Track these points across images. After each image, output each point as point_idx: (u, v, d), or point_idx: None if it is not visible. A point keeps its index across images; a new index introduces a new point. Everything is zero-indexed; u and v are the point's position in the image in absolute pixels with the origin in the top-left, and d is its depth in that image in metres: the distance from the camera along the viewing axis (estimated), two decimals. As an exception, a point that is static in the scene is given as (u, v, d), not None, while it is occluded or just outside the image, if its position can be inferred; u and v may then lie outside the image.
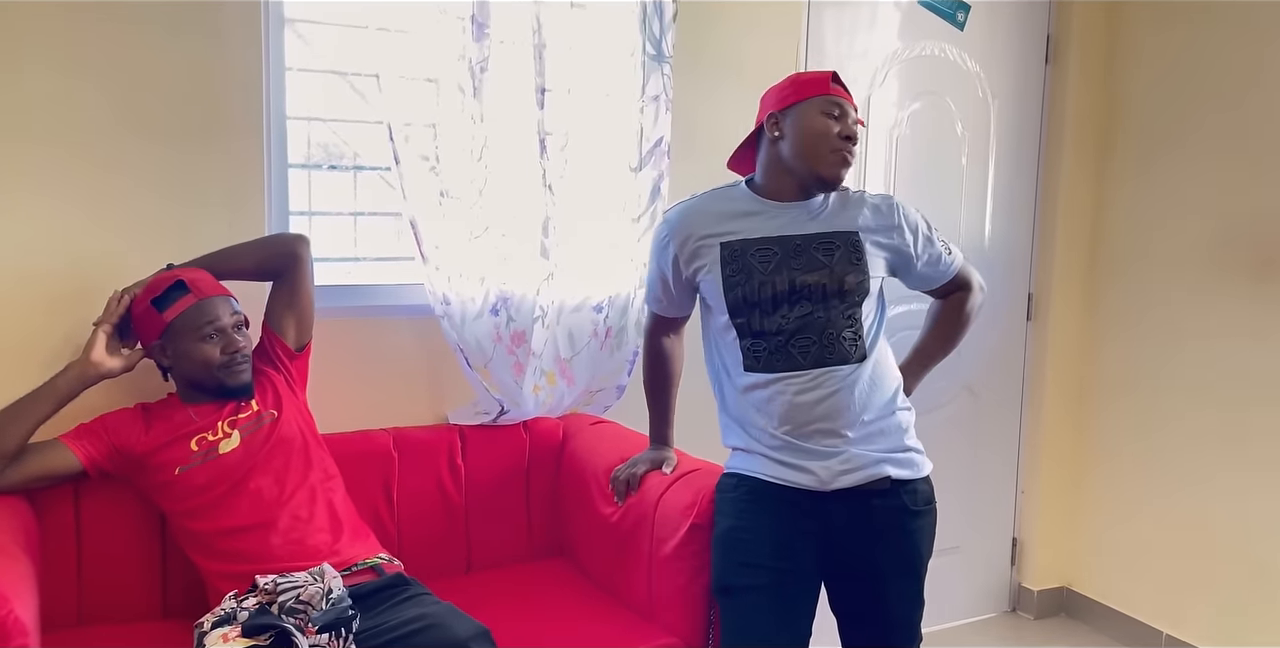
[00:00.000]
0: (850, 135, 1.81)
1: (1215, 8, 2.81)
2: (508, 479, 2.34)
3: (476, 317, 2.32)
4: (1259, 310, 2.72)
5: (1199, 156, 2.87)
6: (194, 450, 1.92)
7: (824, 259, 1.81)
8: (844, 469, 1.78)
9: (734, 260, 1.83)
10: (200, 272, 2.00)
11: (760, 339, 1.82)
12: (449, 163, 2.28)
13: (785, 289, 1.80)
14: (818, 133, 1.80)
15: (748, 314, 1.82)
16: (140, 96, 2.09)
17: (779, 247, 1.82)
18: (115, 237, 2.10)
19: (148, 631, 1.93)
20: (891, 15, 2.92)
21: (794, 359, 1.80)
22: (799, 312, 1.80)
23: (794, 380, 1.79)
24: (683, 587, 1.96)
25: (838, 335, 1.80)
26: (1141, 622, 3.06)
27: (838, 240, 1.83)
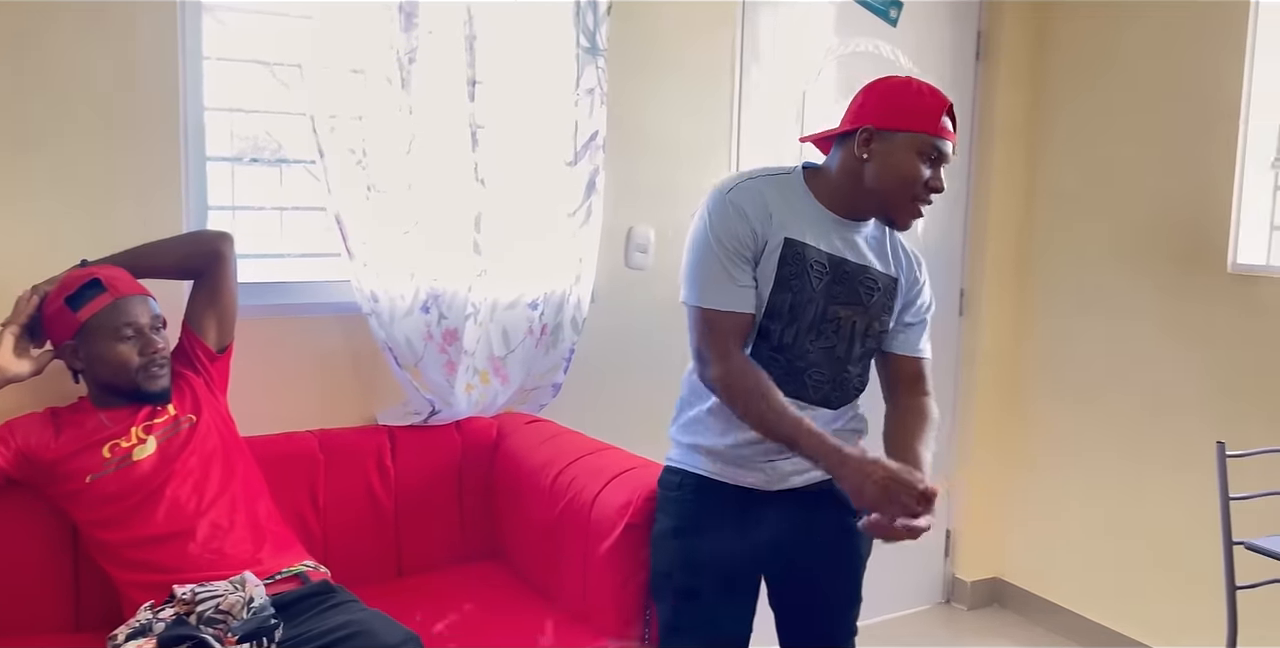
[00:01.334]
0: (938, 188, 1.66)
1: (1138, 9, 2.86)
2: (439, 481, 2.29)
3: (406, 314, 2.27)
4: (1181, 303, 2.79)
5: (1123, 152, 2.93)
6: (106, 458, 1.84)
7: (864, 296, 1.71)
8: (792, 471, 1.75)
9: (794, 262, 1.66)
10: (117, 269, 1.92)
11: (780, 354, 1.69)
12: (377, 156, 2.23)
13: (819, 315, 1.69)
14: (907, 176, 1.63)
15: (782, 324, 1.68)
16: (48, 86, 2.00)
17: (831, 267, 1.68)
18: (24, 234, 2.00)
19: (59, 644, 1.85)
20: (827, 10, 2.92)
21: (805, 391, 1.70)
22: (823, 343, 1.70)
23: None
24: (618, 587, 1.93)
25: (849, 378, 1.75)
26: (1070, 610, 3.12)
27: (881, 281, 1.73)
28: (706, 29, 2.71)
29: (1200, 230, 2.73)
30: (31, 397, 1.93)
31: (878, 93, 1.71)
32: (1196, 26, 2.72)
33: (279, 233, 2.43)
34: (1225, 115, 2.65)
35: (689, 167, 2.73)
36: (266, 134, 2.42)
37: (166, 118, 2.11)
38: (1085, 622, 3.06)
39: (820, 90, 2.94)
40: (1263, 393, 2.58)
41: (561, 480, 2.11)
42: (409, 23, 2.24)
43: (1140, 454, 2.90)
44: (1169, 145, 2.80)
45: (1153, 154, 2.85)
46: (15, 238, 2.00)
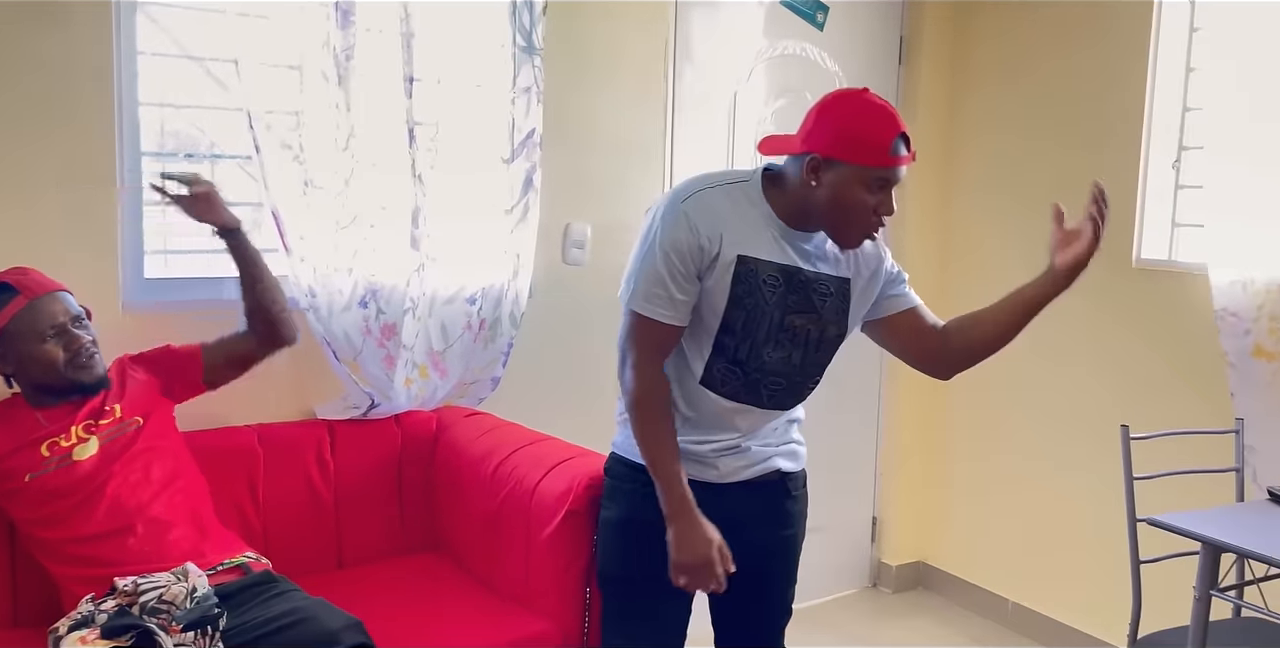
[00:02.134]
0: (887, 213, 1.65)
1: (1050, 14, 3.00)
2: (379, 473, 2.32)
3: (345, 309, 2.29)
4: (1089, 296, 2.92)
5: (1036, 151, 3.07)
6: (45, 456, 1.83)
7: (818, 303, 1.72)
8: (743, 464, 1.80)
9: (747, 279, 1.66)
10: (27, 269, 1.89)
11: (737, 367, 1.71)
12: (314, 152, 2.24)
13: (775, 326, 1.70)
14: (853, 207, 1.62)
15: (738, 339, 1.70)
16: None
17: (784, 279, 1.68)
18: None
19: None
20: (755, 14, 3.01)
21: (759, 397, 1.74)
22: (780, 353, 1.72)
23: (743, 410, 1.75)
24: (559, 573, 1.98)
25: (804, 384, 1.78)
26: (990, 592, 3.26)
27: (833, 286, 1.73)
28: (641, 30, 2.77)
29: (1107, 227, 2.88)
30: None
31: (829, 117, 1.65)
32: (1103, 33, 2.86)
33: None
34: (1130, 117, 2.80)
35: (625, 164, 2.80)
36: (198, 130, 2.42)
37: (102, 113, 2.10)
38: (1004, 602, 3.21)
39: (751, 91, 3.02)
40: (1164, 379, 2.73)
41: (502, 471, 2.15)
42: (346, 20, 2.26)
43: (1053, 440, 3.04)
44: (1078, 145, 2.95)
45: (1062, 154, 2.99)
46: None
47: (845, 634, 3.16)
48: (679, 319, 1.67)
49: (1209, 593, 2.01)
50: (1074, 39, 2.95)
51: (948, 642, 3.12)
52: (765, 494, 1.84)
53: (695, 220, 1.64)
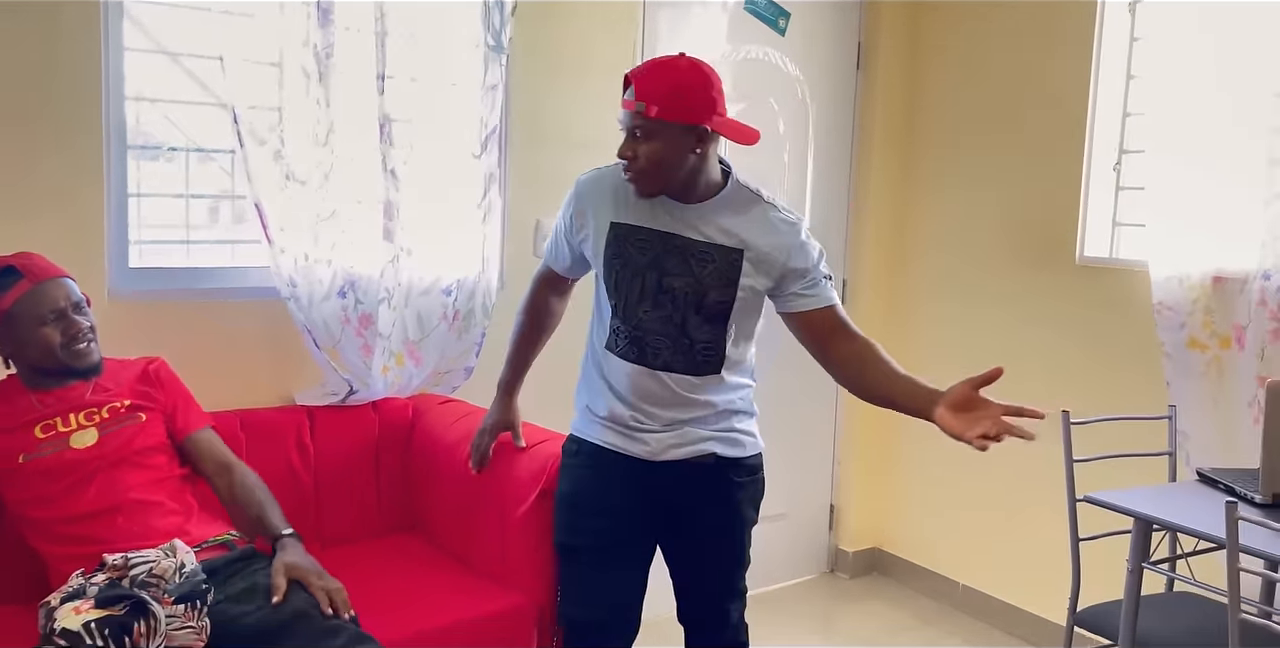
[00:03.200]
0: (622, 155, 1.77)
1: (1001, 22, 3.15)
2: (357, 458, 2.39)
3: (324, 298, 2.36)
4: (1035, 291, 3.08)
5: (986, 154, 3.22)
6: (40, 439, 1.89)
7: (696, 269, 1.81)
8: (674, 443, 1.90)
9: (616, 243, 1.84)
10: (32, 255, 1.95)
11: (624, 324, 1.86)
12: (294, 147, 2.32)
13: (653, 287, 1.82)
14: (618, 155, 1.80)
15: (618, 298, 1.86)
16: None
17: (659, 242, 1.82)
18: None
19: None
20: (720, 18, 3.11)
21: (646, 357, 1.85)
22: (659, 312, 1.83)
23: (642, 373, 1.87)
24: (533, 549, 2.08)
25: (692, 346, 1.85)
26: (942, 575, 3.40)
27: (717, 254, 1.81)
28: (609, 32, 2.87)
29: (1052, 226, 3.03)
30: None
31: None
32: (1049, 41, 3.01)
33: (195, 220, 2.50)
34: (1074, 122, 2.95)
35: (594, 161, 2.82)
36: (174, 125, 2.48)
37: (89, 108, 2.16)
38: (954, 584, 3.35)
39: (714, 93, 3.13)
40: (1104, 368, 2.88)
41: (476, 454, 2.23)
42: (325, 19, 2.34)
43: (1002, 429, 3.18)
44: (1025, 149, 3.09)
45: (1011, 156, 3.14)
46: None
47: (804, 618, 3.28)
48: (557, 267, 2.03)
49: (1141, 566, 2.15)
50: (1022, 47, 3.09)
51: (901, 624, 3.25)
52: (702, 477, 1.92)
53: (582, 193, 1.93)
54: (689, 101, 1.74)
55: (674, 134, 1.75)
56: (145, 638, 1.60)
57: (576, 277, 2.05)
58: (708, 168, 1.82)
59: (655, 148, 1.75)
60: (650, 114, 1.72)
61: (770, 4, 3.19)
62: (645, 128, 1.74)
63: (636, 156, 1.77)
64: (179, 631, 1.65)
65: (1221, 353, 2.48)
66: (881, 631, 3.19)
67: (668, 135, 1.74)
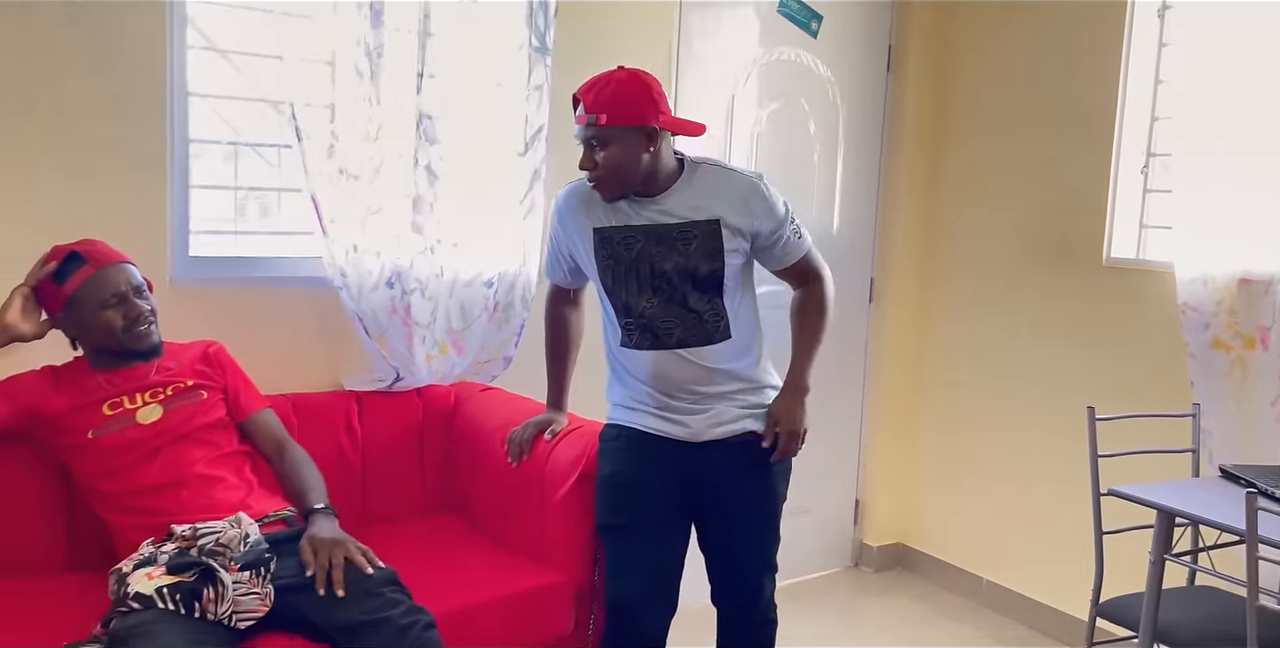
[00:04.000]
0: (582, 166, 1.96)
1: (1030, 26, 3.21)
2: (403, 441, 2.49)
3: (373, 289, 2.46)
4: (1062, 291, 3.14)
5: (1015, 156, 3.27)
6: (107, 416, 1.99)
7: (682, 248, 1.96)
8: (713, 423, 2.02)
9: (605, 246, 2.00)
10: (95, 242, 2.05)
11: (631, 318, 2.01)
12: (346, 142, 2.41)
13: (647, 275, 1.97)
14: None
15: (617, 295, 2.00)
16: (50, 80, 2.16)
17: (643, 235, 1.97)
18: (22, 209, 2.18)
19: (56, 584, 1.99)
20: (753, 21, 3.19)
21: (659, 339, 1.99)
22: (661, 297, 1.98)
23: (662, 356, 2.00)
24: (571, 530, 2.17)
25: (700, 318, 1.99)
26: (966, 571, 3.45)
27: (697, 230, 1.96)
28: (645, 34, 2.94)
29: (1080, 227, 3.09)
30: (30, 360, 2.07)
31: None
32: (1079, 45, 3.07)
33: (248, 212, 2.60)
34: (1103, 125, 3.00)
35: None
36: (222, 120, 2.58)
37: (155, 103, 2.27)
38: (978, 580, 3.40)
39: (747, 95, 3.21)
40: (1129, 367, 2.93)
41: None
42: (377, 20, 2.43)
43: (1027, 426, 3.24)
44: (1054, 151, 3.15)
45: (1040, 158, 3.19)
46: (17, 212, 2.15)
47: (828, 611, 3.35)
48: (559, 281, 2.21)
49: (1163, 557, 2.21)
50: (1051, 51, 3.15)
51: (923, 618, 3.30)
52: (740, 454, 2.05)
53: (559, 211, 2.09)
54: (633, 106, 1.92)
55: (626, 137, 1.91)
56: (214, 603, 1.70)
57: (579, 286, 2.22)
58: (663, 162, 1.98)
59: (613, 153, 1.92)
60: (601, 123, 1.90)
61: (803, 7, 3.26)
62: (600, 137, 1.92)
63: (597, 165, 1.94)
64: (244, 596, 1.75)
65: (1246, 354, 2.53)
66: (904, 624, 3.25)
67: (621, 140, 1.91)
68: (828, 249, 3.38)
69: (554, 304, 2.26)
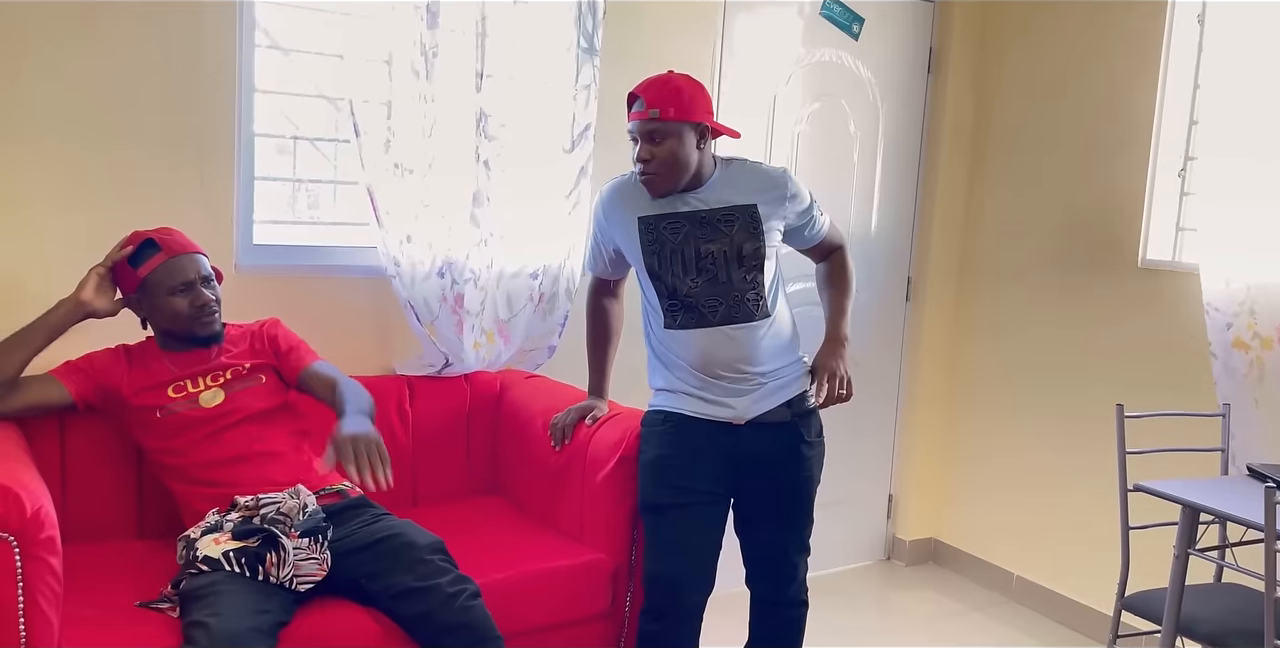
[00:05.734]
0: (639, 160, 2.05)
1: (1069, 29, 3.25)
2: (451, 424, 2.60)
3: (425, 278, 2.57)
4: (1098, 291, 3.17)
5: (1053, 158, 3.31)
6: (173, 397, 2.12)
7: (725, 229, 2.08)
8: (754, 401, 2.12)
9: (649, 232, 2.12)
10: (172, 230, 2.18)
11: (675, 300, 2.11)
12: (402, 138, 2.52)
13: (692, 256, 2.08)
14: (636, 157, 2.08)
15: (663, 277, 2.11)
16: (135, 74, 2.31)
17: (687, 220, 2.10)
18: (109, 194, 2.32)
19: (130, 548, 2.14)
20: (796, 23, 3.26)
21: (704, 317, 2.10)
22: (705, 276, 2.08)
23: (707, 334, 2.10)
24: (610, 511, 2.26)
25: (742, 297, 2.10)
26: (997, 566, 3.50)
27: (737, 213, 2.09)
28: (690, 35, 3.03)
29: (1116, 229, 3.12)
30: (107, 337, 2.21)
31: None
32: (1118, 49, 3.10)
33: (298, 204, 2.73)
34: (1140, 128, 3.04)
35: None
36: (283, 116, 2.71)
37: (225, 98, 2.41)
38: (1009, 575, 3.45)
39: (789, 95, 3.28)
40: (1164, 367, 2.96)
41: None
42: (433, 21, 2.54)
43: (1058, 424, 3.28)
44: (1091, 153, 3.19)
45: (1077, 161, 3.23)
46: (101, 197, 2.31)
47: (859, 602, 3.41)
48: (601, 273, 2.33)
49: (1187, 552, 2.25)
50: (1091, 55, 3.19)
51: (954, 612, 3.35)
52: (779, 436, 2.15)
53: (604, 207, 2.21)
54: (693, 104, 2.05)
55: (684, 132, 2.04)
56: (275, 567, 1.82)
57: (620, 277, 2.34)
58: (705, 161, 2.11)
59: (671, 147, 2.04)
60: (665, 117, 2.02)
61: (845, 9, 3.33)
62: (661, 130, 2.03)
63: (654, 157, 2.04)
64: (304, 562, 1.86)
65: (1264, 354, 2.55)
66: (934, 618, 3.30)
67: (680, 134, 2.04)
68: (867, 248, 3.49)
69: (595, 296, 2.38)
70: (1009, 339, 3.46)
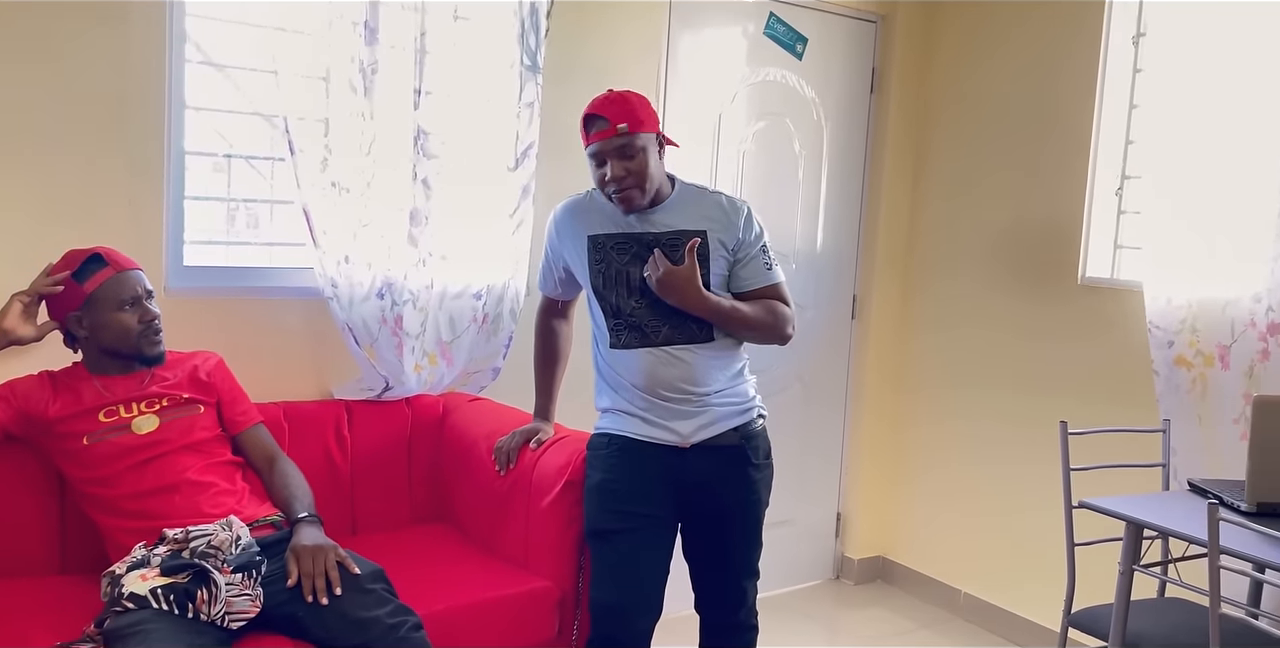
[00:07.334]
0: (610, 180, 2.02)
1: (1009, 50, 3.30)
2: (392, 450, 2.53)
3: (364, 299, 2.51)
4: (1038, 308, 3.21)
5: (994, 177, 3.36)
6: (103, 422, 2.03)
7: (671, 255, 2.06)
8: (700, 425, 2.09)
9: (597, 251, 2.11)
10: (112, 249, 2.10)
11: (620, 319, 2.10)
12: (339, 156, 2.46)
13: (638, 278, 2.07)
14: (597, 184, 2.08)
15: (608, 297, 2.10)
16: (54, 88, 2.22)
17: (634, 242, 2.09)
18: (33, 214, 2.23)
19: (51, 585, 2.02)
20: (740, 43, 3.27)
21: (648, 337, 2.08)
22: (649, 298, 2.06)
23: (651, 354, 2.08)
24: (556, 537, 2.21)
25: (685, 318, 2.08)
26: (945, 583, 3.51)
27: (685, 238, 2.07)
28: (635, 54, 3.02)
29: (1056, 247, 3.17)
30: (25, 364, 2.11)
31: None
32: (1056, 70, 3.15)
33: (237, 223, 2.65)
34: (1079, 147, 3.09)
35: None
36: (217, 133, 2.63)
37: (154, 115, 2.33)
38: (956, 592, 3.46)
39: (734, 114, 3.28)
40: (1101, 382, 3.00)
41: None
42: (372, 37, 2.49)
43: (1004, 441, 3.30)
44: (1032, 172, 3.23)
45: (1019, 179, 3.28)
46: (17, 217, 2.20)
47: (808, 622, 3.39)
48: (550, 292, 2.31)
49: (1131, 568, 2.27)
50: (1030, 75, 3.24)
51: (903, 630, 3.35)
52: (726, 460, 2.12)
53: (557, 221, 2.21)
54: (649, 115, 2.08)
55: (648, 144, 2.05)
56: (207, 603, 1.74)
57: (571, 297, 2.32)
58: (663, 175, 2.12)
59: (640, 161, 2.04)
60: (634, 130, 2.02)
61: (788, 29, 3.34)
62: (631, 145, 2.03)
63: (630, 172, 2.03)
64: (237, 597, 1.79)
65: (1206, 371, 2.60)
66: (883, 636, 3.30)
67: (645, 146, 2.05)
68: (813, 266, 3.50)
69: (545, 316, 2.35)
70: (955, 356, 3.48)
